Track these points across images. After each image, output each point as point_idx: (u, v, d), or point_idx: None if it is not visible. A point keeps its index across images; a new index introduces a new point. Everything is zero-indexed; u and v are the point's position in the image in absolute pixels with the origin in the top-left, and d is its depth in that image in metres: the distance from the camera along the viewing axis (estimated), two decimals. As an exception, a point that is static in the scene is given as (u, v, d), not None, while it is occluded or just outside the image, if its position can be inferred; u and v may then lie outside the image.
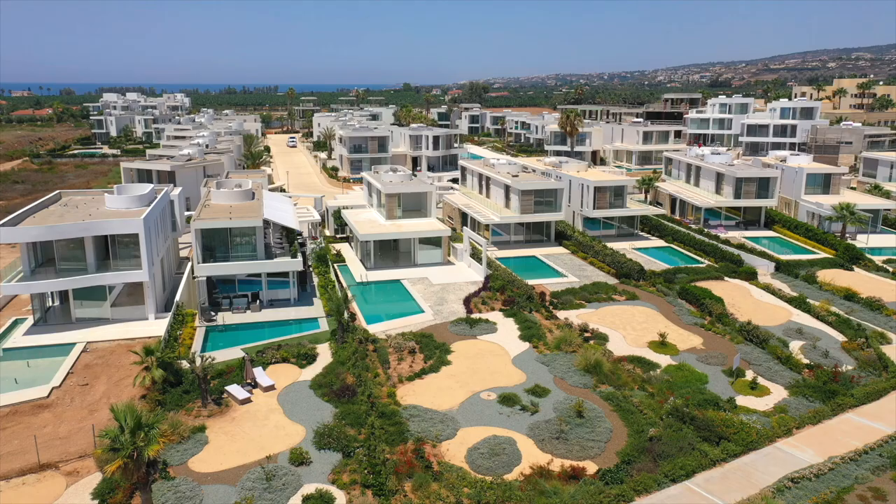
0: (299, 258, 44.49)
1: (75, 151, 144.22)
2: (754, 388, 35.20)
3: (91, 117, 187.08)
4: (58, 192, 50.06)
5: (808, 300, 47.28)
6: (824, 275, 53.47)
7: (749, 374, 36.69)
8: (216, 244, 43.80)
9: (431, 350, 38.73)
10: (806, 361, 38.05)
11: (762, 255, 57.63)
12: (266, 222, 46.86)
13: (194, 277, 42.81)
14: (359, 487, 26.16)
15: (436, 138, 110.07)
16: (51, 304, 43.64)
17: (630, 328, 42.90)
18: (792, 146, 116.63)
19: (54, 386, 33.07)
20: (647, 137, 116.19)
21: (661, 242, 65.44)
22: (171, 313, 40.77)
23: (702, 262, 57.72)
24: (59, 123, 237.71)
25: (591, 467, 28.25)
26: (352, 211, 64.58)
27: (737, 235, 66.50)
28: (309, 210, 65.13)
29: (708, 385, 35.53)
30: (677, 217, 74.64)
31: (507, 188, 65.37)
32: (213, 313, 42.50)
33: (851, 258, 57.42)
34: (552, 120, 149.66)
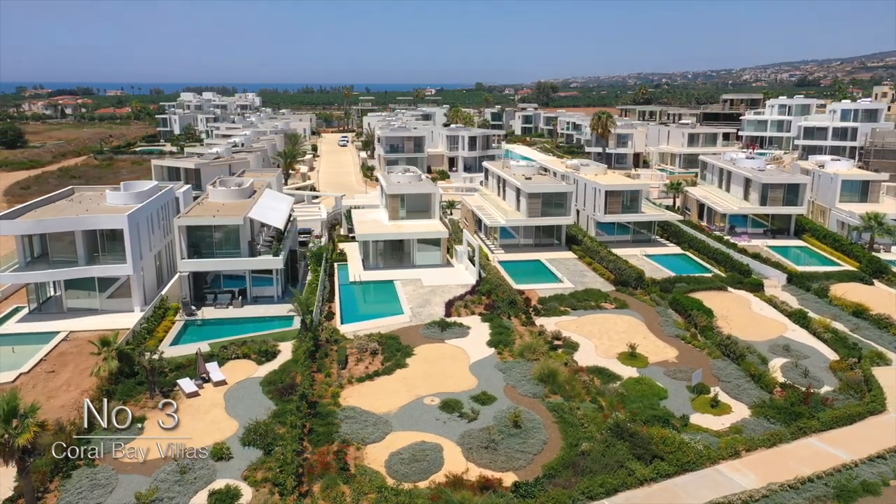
0: (280, 256, 45.38)
1: (138, 148, 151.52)
2: (714, 406, 33.55)
3: (157, 115, 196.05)
4: (70, 187, 52.90)
5: (808, 315, 44.60)
6: (839, 289, 50.23)
7: (715, 391, 34.96)
8: (201, 241, 45.24)
9: (393, 352, 38.78)
10: (782, 380, 35.96)
11: (777, 265, 54.72)
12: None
13: (178, 273, 44.31)
14: (269, 485, 26.53)
15: (472, 139, 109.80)
16: (51, 294, 46.05)
17: (606, 338, 41.64)
18: (852, 150, 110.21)
19: (22, 372, 35.06)
20: (692, 140, 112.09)
21: (677, 249, 63.16)
22: (150, 306, 42.40)
23: (713, 272, 55.33)
24: (135, 121, 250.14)
25: (512, 479, 27.65)
26: (361, 210, 65.37)
27: (760, 244, 63.41)
28: (320, 209, 66.31)
29: (667, 400, 34.14)
30: (703, 223, 71.78)
31: (517, 190, 64.59)
32: (193, 308, 43.91)
33: (874, 272, 53.77)
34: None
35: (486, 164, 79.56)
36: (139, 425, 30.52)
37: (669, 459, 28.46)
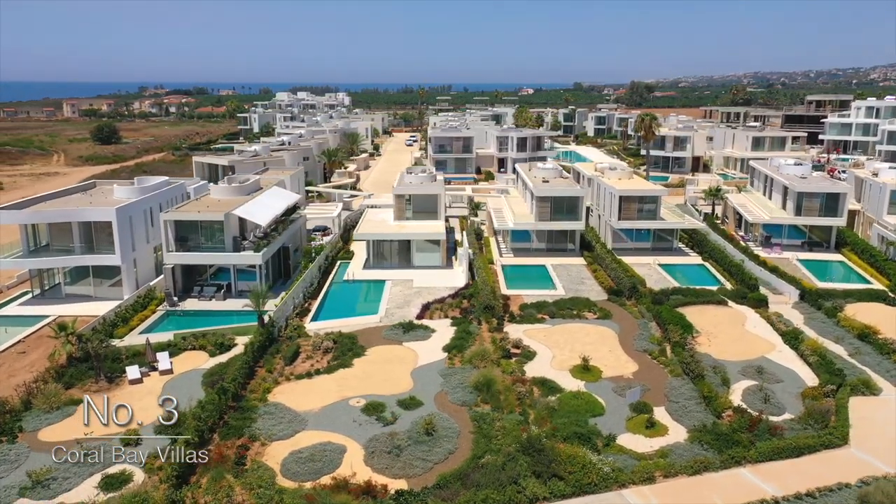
0: (261, 252, 46.60)
1: (217, 146, 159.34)
2: (649, 427, 31.61)
3: (238, 114, 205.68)
4: (92, 181, 56.58)
5: (800, 335, 41.13)
6: (854, 308, 46.03)
7: (659, 411, 32.99)
8: (188, 235, 47.16)
9: (344, 351, 39.02)
10: (737, 404, 33.39)
11: (793, 280, 50.70)
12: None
13: (164, 265, 46.42)
14: (162, 473, 27.37)
15: (521, 140, 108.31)
16: (57, 281, 49.36)
17: (568, 349, 40.07)
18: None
19: (-4, 351, 37.87)
20: (757, 143, 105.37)
21: (697, 259, 59.89)
22: (133, 295, 44.72)
23: (725, 284, 52.03)
24: (230, 119, 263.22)
25: (403, 486, 27.25)
26: (375, 210, 65.98)
27: (790, 257, 59.08)
28: (337, 207, 67.56)
29: (603, 417, 32.50)
30: (740, 233, 67.61)
31: (531, 194, 63.29)
32: (176, 299, 45.90)
33: (903, 291, 48.86)
34: (674, 123, 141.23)
35: (517, 165, 78.47)
36: (75, 407, 32.32)
37: (568, 479, 27.12)
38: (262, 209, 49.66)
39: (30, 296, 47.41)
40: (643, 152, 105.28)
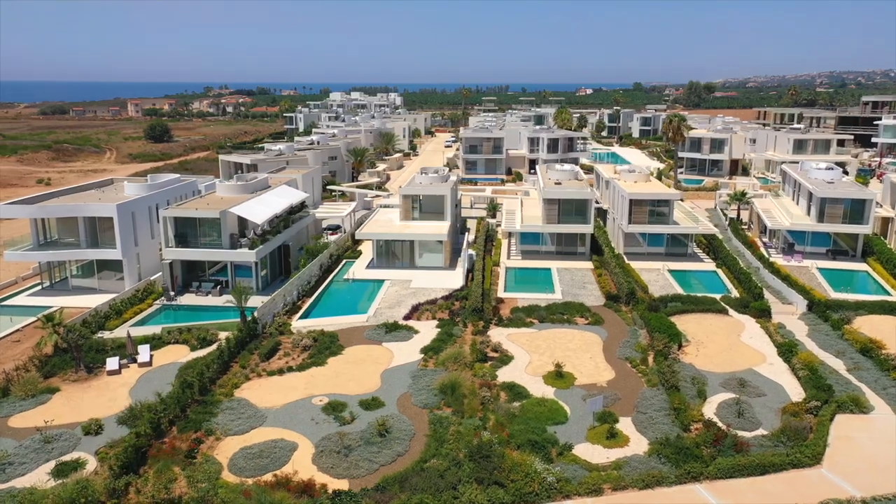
0: (255, 250, 47.37)
1: (262, 144, 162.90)
2: (610, 438, 30.68)
3: (284, 114, 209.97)
4: (110, 178, 58.65)
5: (795, 348, 39.22)
6: (863, 321, 43.70)
7: (625, 421, 32.01)
8: (187, 232, 48.34)
9: (322, 350, 39.29)
10: (708, 417, 32.08)
11: (803, 290, 48.38)
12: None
13: (162, 260, 47.72)
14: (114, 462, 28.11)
15: (552, 141, 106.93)
16: (69, 274, 51.39)
17: (548, 354, 39.26)
18: None
19: (-8, 339, 39.66)
20: (799, 146, 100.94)
21: (710, 266, 57.86)
22: (131, 288, 46.14)
23: (730, 291, 50.20)
24: (280, 119, 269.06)
25: (345, 486, 27.25)
26: (385, 210, 66.24)
27: (810, 265, 56.48)
28: (350, 206, 68.20)
29: (565, 426, 31.74)
30: (764, 239, 65.04)
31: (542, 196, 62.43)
32: (172, 293, 47.13)
33: (923, 304, 45.98)
34: (719, 124, 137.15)
35: (537, 167, 77.57)
36: (50, 395, 33.61)
37: (510, 488, 26.57)
38: (262, 207, 50.48)
39: (39, 287, 49.48)
40: (692, 154, 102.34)
